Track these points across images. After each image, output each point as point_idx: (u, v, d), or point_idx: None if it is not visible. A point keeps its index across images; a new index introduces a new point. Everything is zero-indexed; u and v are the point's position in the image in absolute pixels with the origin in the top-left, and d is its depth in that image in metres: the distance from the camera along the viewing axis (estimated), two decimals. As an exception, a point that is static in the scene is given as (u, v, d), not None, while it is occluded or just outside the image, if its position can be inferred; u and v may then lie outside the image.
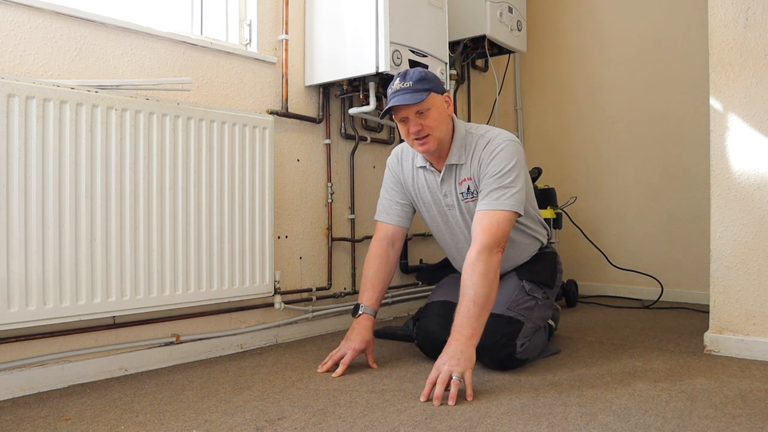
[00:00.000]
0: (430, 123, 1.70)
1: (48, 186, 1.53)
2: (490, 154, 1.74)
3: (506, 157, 1.72)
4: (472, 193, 1.79)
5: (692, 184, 3.01)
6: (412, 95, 1.67)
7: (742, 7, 1.90)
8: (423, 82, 1.69)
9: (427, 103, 1.70)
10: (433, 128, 1.71)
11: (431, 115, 1.71)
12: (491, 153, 1.74)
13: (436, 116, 1.72)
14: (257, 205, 2.03)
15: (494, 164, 1.72)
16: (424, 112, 1.70)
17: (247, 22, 2.19)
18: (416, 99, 1.67)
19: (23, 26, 1.60)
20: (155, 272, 1.75)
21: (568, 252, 3.31)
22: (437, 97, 1.73)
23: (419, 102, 1.67)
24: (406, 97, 1.67)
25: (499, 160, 1.72)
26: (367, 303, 1.82)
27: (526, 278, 1.83)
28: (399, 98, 1.68)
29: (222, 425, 1.32)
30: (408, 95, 1.67)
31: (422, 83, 1.69)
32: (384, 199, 1.95)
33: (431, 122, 1.71)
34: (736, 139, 1.92)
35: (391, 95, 1.70)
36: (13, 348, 1.57)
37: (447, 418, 1.34)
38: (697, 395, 1.49)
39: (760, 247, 1.87)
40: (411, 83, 1.68)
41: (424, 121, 1.70)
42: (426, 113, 1.70)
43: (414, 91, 1.68)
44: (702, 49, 2.53)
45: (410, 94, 1.67)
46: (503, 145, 1.74)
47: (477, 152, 1.77)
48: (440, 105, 1.74)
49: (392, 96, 1.70)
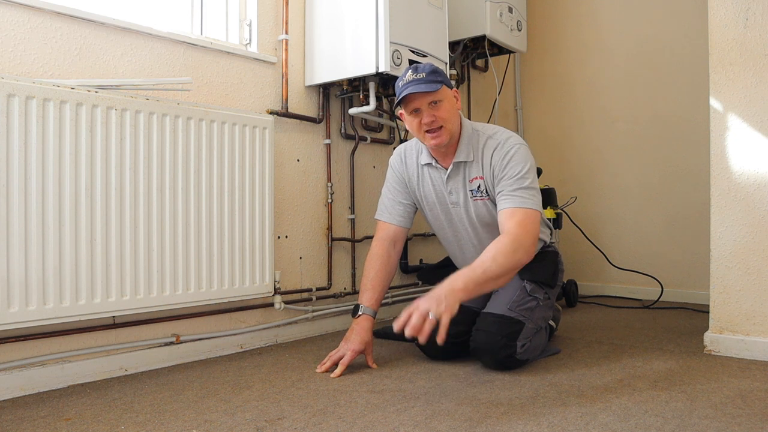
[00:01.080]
0: (443, 114, 1.71)
1: (48, 186, 1.53)
2: (504, 156, 1.75)
3: (522, 159, 1.75)
4: (482, 192, 1.79)
5: (692, 184, 3.01)
6: (426, 84, 1.67)
7: (742, 7, 1.90)
8: (435, 74, 1.70)
9: (441, 94, 1.71)
10: (446, 120, 1.71)
11: (444, 106, 1.71)
12: (506, 155, 1.75)
13: (449, 108, 1.73)
14: (257, 205, 2.03)
15: (512, 166, 1.73)
16: (438, 102, 1.70)
17: (247, 22, 2.19)
18: (431, 87, 1.67)
19: (23, 26, 1.60)
20: (155, 272, 1.75)
21: (568, 252, 3.30)
22: (448, 90, 1.74)
23: (435, 91, 1.68)
24: (421, 86, 1.67)
25: (516, 162, 1.74)
26: (367, 303, 1.82)
27: (527, 278, 1.82)
28: (413, 87, 1.67)
29: (222, 425, 1.32)
30: (423, 84, 1.67)
31: (435, 75, 1.70)
32: (386, 199, 1.95)
33: (444, 113, 1.71)
34: (736, 139, 1.92)
35: (404, 86, 1.69)
36: (13, 348, 1.57)
37: (447, 418, 1.34)
38: (697, 395, 1.49)
39: (760, 247, 1.87)
40: (424, 74, 1.69)
41: (437, 112, 1.70)
42: (439, 104, 1.71)
43: (427, 81, 1.68)
44: (702, 49, 2.54)
45: (425, 83, 1.67)
46: (517, 148, 1.76)
47: (487, 152, 1.78)
48: (451, 99, 1.75)
49: (405, 86, 1.69)
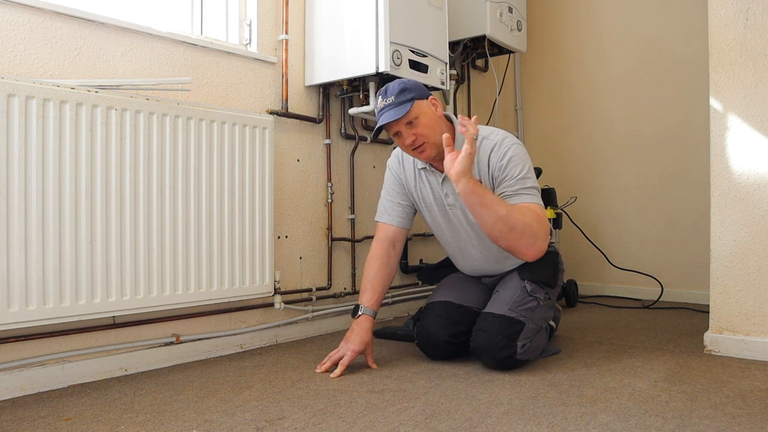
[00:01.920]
0: (422, 131, 1.73)
1: (48, 186, 1.53)
2: (502, 157, 1.76)
3: (521, 160, 1.77)
4: None
5: (692, 184, 3.01)
6: (395, 110, 1.70)
7: (742, 7, 1.90)
8: (404, 93, 1.72)
9: (414, 113, 1.72)
10: (426, 135, 1.73)
11: (421, 122, 1.73)
12: (504, 156, 1.76)
13: (427, 122, 1.74)
14: (257, 205, 2.03)
15: (512, 167, 1.75)
16: (413, 121, 1.73)
17: (247, 22, 2.19)
18: (400, 113, 1.70)
19: (23, 26, 1.60)
20: (155, 272, 1.75)
21: (568, 252, 3.31)
22: (422, 103, 1.75)
23: (405, 115, 1.70)
24: (391, 113, 1.70)
25: (516, 162, 1.75)
26: (367, 304, 1.82)
27: (527, 278, 1.82)
28: (385, 116, 1.71)
29: (222, 425, 1.32)
30: (392, 110, 1.70)
31: (403, 94, 1.71)
32: (385, 200, 1.96)
33: (423, 129, 1.73)
34: (736, 140, 1.92)
35: (378, 115, 1.74)
36: (13, 348, 1.57)
37: (447, 418, 1.34)
38: (697, 395, 1.49)
39: (760, 247, 1.87)
40: (393, 98, 1.71)
41: (416, 131, 1.73)
42: (415, 122, 1.73)
43: (396, 105, 1.71)
44: (702, 49, 2.54)
45: (394, 109, 1.70)
46: (514, 148, 1.77)
47: (483, 154, 1.78)
48: (428, 110, 1.76)
49: (378, 115, 1.74)
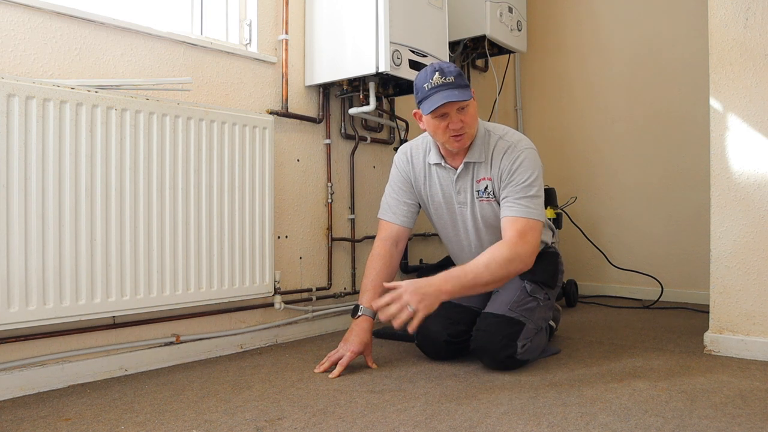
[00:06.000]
0: (468, 120, 1.70)
1: (48, 186, 1.53)
2: (514, 161, 1.74)
3: (531, 166, 1.74)
4: (489, 193, 1.78)
5: (692, 184, 3.01)
6: (460, 91, 1.64)
7: (742, 7, 1.90)
8: (462, 78, 1.68)
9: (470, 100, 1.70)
10: (470, 125, 1.71)
11: (470, 111, 1.70)
12: (515, 160, 1.74)
13: (473, 112, 1.72)
14: (257, 205, 2.03)
15: (520, 173, 1.72)
16: (465, 108, 1.69)
17: (247, 22, 2.19)
18: (465, 96, 1.64)
19: (23, 26, 1.60)
20: (155, 272, 1.75)
21: (568, 252, 3.30)
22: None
23: (467, 99, 1.65)
24: (455, 93, 1.63)
25: (524, 168, 1.73)
26: (367, 304, 1.81)
27: (527, 278, 1.82)
28: (447, 93, 1.63)
29: (222, 425, 1.32)
30: (456, 91, 1.64)
31: (462, 78, 1.67)
32: (390, 198, 1.93)
33: (470, 119, 1.70)
34: (736, 139, 1.92)
35: (433, 89, 1.65)
36: (13, 348, 1.57)
37: (447, 418, 1.34)
38: (697, 395, 1.49)
39: (760, 247, 1.87)
40: (453, 78, 1.65)
41: (464, 118, 1.69)
42: (466, 109, 1.69)
43: (459, 87, 1.65)
44: (702, 49, 2.53)
45: (458, 90, 1.64)
46: (526, 153, 1.75)
47: (497, 154, 1.77)
48: (474, 102, 1.74)
49: (435, 90, 1.64)
